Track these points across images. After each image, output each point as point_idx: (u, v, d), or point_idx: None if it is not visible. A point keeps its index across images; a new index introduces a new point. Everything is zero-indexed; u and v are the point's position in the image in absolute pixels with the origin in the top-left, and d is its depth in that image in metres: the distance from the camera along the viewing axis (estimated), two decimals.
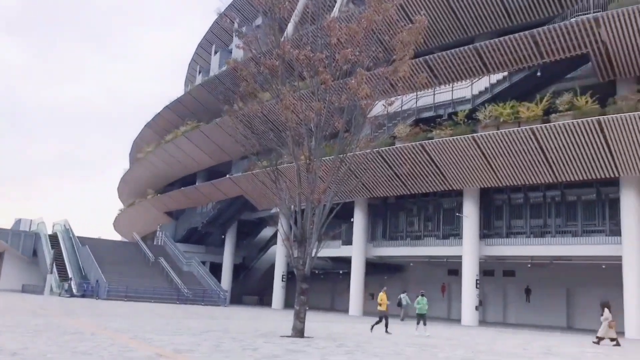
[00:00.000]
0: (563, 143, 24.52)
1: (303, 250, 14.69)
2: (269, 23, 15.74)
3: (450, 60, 27.55)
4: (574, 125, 23.81)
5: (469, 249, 29.73)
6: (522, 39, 25.17)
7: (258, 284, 49.51)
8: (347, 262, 36.24)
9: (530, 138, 25.14)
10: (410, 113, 32.92)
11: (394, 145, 29.67)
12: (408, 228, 34.81)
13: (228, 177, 42.36)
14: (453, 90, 31.45)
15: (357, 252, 35.10)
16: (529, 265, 31.17)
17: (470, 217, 29.71)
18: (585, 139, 23.95)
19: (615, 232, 26.11)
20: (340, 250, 36.50)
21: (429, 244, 32.88)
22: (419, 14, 14.24)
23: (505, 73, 28.61)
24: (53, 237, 46.82)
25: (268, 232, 51.92)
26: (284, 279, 39.93)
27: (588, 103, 24.26)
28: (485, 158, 27.04)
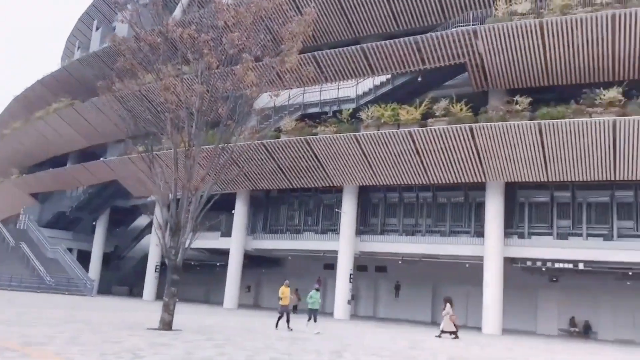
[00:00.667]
0: (437, 147, 25.84)
1: (176, 240, 14.12)
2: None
3: (338, 58, 28.07)
4: (448, 131, 25.18)
5: (346, 245, 30.42)
6: (405, 44, 26.18)
7: (129, 275, 47.26)
8: (225, 254, 35.61)
9: (408, 140, 26.23)
10: (297, 107, 33.10)
11: (279, 139, 29.63)
12: (288, 222, 34.95)
13: (102, 160, 40.05)
14: (339, 89, 32.01)
15: (235, 244, 34.64)
16: (400, 262, 32.45)
17: (348, 213, 30.41)
18: (458, 145, 25.38)
19: (479, 233, 27.98)
20: (219, 242, 35.86)
21: (308, 238, 33.19)
22: (309, 7, 14.20)
23: (389, 76, 29.57)
24: None
25: (143, 220, 49.78)
26: (157, 270, 38.45)
27: (462, 110, 25.73)
28: (366, 157, 27.82)
